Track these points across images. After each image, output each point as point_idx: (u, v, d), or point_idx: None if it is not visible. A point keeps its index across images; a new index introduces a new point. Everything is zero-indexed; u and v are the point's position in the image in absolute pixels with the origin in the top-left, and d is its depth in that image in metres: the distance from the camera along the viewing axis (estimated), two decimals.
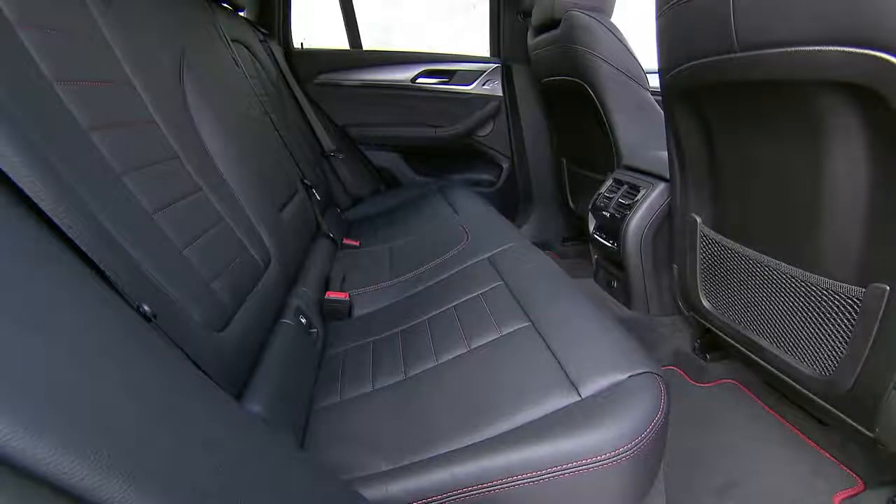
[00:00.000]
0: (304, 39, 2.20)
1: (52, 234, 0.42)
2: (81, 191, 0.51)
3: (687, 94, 0.98)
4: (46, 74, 0.58)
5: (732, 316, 1.08)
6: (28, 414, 0.25)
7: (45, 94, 0.57)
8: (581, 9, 1.55)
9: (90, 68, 0.67)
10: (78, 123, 0.60)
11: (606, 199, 1.53)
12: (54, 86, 0.58)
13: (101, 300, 0.41)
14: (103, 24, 0.74)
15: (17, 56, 0.54)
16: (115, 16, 0.77)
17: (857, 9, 0.57)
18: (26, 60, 0.55)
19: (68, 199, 0.46)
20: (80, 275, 0.42)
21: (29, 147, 0.45)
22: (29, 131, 0.47)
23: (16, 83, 0.51)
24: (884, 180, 0.68)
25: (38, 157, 0.45)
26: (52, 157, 0.48)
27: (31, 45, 0.57)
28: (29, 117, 0.50)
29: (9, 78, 0.50)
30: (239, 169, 0.97)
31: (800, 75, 0.68)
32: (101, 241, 0.49)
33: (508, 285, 0.96)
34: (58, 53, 0.60)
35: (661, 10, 0.94)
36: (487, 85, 2.18)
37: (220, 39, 1.35)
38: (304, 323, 0.98)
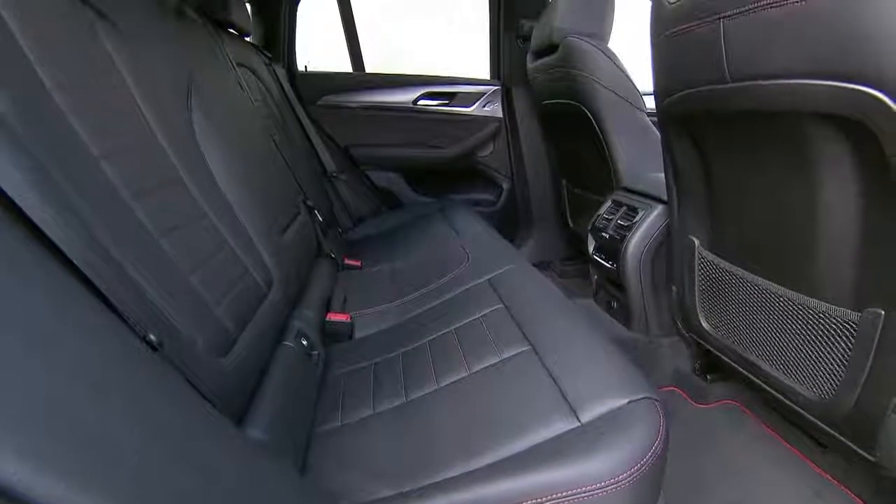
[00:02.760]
0: (307, 62, 2.25)
1: (58, 261, 0.43)
2: (89, 217, 0.52)
3: (682, 120, 1.00)
4: (60, 105, 0.59)
5: (732, 338, 1.08)
6: (28, 444, 0.26)
7: (58, 122, 0.58)
8: (579, 35, 1.59)
9: (101, 97, 0.69)
10: (88, 149, 0.62)
11: (605, 220, 1.55)
12: (67, 115, 0.60)
13: (107, 330, 0.42)
14: (113, 52, 0.76)
15: (33, 89, 0.56)
16: (126, 43, 0.80)
17: (842, 45, 0.59)
18: (41, 93, 0.57)
19: (76, 226, 0.47)
20: (87, 304, 0.43)
21: (38, 173, 0.46)
22: (40, 159, 0.49)
23: (28, 111, 0.53)
24: (875, 207, 0.69)
25: (47, 183, 0.47)
26: (62, 184, 0.50)
27: (46, 78, 0.59)
28: (41, 145, 0.52)
29: (22, 106, 0.52)
30: (243, 192, 0.98)
31: (790, 106, 0.70)
32: (109, 268, 0.50)
33: (508, 308, 0.97)
34: (71, 84, 0.62)
35: (656, 38, 0.96)
36: (488, 107, 2.22)
37: (226, 64, 1.38)
38: (305, 345, 0.98)
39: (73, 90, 0.62)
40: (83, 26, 0.71)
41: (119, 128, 0.70)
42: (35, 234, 0.42)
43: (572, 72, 1.58)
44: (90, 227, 0.51)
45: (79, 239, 0.47)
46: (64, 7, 0.68)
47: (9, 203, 0.41)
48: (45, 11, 0.63)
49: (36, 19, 0.60)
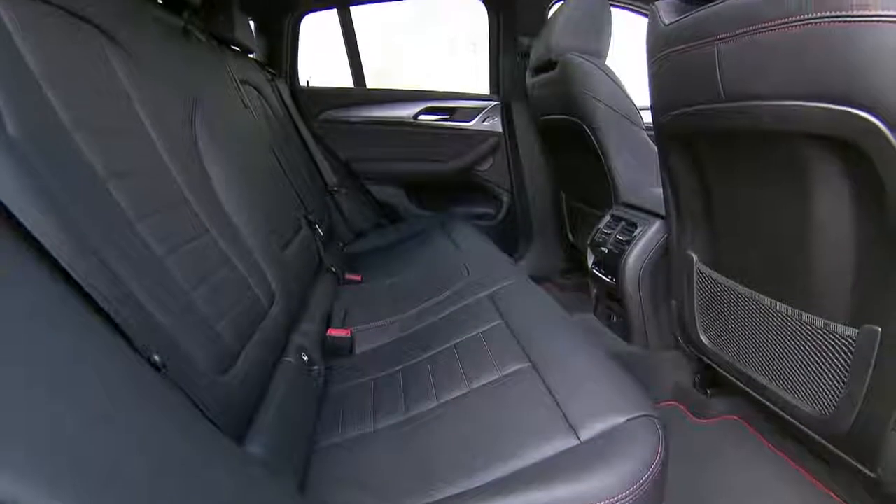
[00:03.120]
0: (309, 78, 2.28)
1: (64, 282, 0.44)
2: (95, 238, 0.53)
3: (679, 137, 1.02)
4: (69, 128, 0.61)
5: (731, 352, 1.08)
6: (30, 471, 0.26)
7: (65, 143, 0.60)
8: (576, 52, 1.61)
9: (109, 119, 0.71)
10: (94, 171, 0.63)
11: (605, 234, 1.56)
12: (76, 138, 0.61)
13: (112, 352, 0.42)
14: (123, 75, 0.78)
15: (43, 112, 0.58)
16: (134, 65, 0.81)
17: (836, 70, 0.60)
18: (52, 116, 0.59)
19: (82, 247, 0.48)
20: (93, 326, 0.44)
21: (46, 195, 0.47)
22: (47, 180, 0.50)
23: (38, 134, 0.54)
24: (869, 227, 0.70)
25: (54, 205, 0.48)
26: (68, 206, 0.51)
27: (56, 101, 0.60)
28: (49, 167, 0.53)
29: (32, 129, 0.53)
30: (246, 209, 0.99)
31: (784, 127, 0.71)
32: (114, 288, 0.50)
33: (508, 324, 0.97)
34: (81, 107, 0.64)
35: (653, 58, 0.98)
36: (487, 121, 2.24)
37: (231, 82, 1.41)
38: (305, 360, 0.99)
39: (82, 112, 0.64)
40: (93, 49, 0.73)
41: (125, 149, 0.71)
42: (41, 254, 0.43)
43: (571, 88, 1.60)
44: (96, 248, 0.52)
45: (85, 260, 0.47)
46: (75, 30, 0.70)
47: (15, 223, 0.42)
48: (56, 34, 0.65)
49: (47, 42, 0.62)
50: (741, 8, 0.71)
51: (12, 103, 0.51)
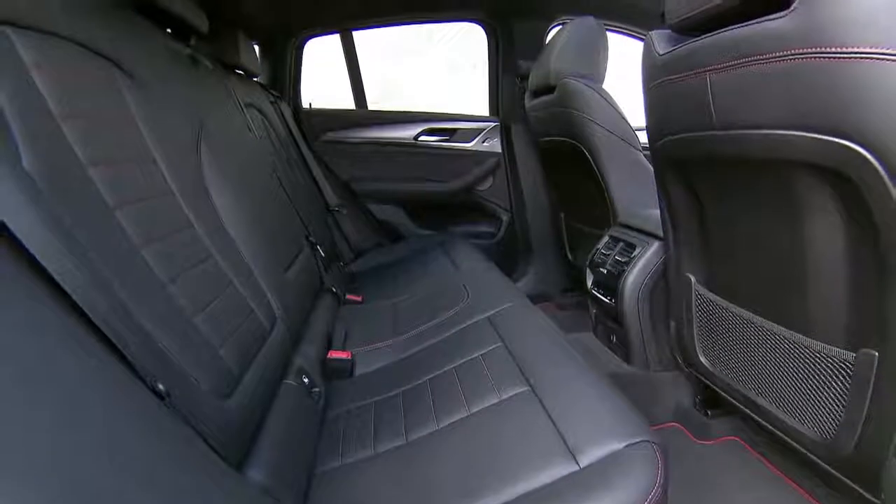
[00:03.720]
0: (311, 100, 2.32)
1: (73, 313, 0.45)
2: (104, 268, 0.54)
3: (675, 162, 1.04)
4: (81, 159, 0.62)
5: (731, 374, 1.08)
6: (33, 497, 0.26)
7: (77, 174, 0.61)
8: (575, 76, 1.65)
9: (119, 149, 0.73)
10: (103, 200, 0.64)
11: (604, 255, 1.57)
12: (87, 169, 0.63)
13: (117, 381, 0.43)
14: (132, 104, 0.80)
15: (57, 144, 0.59)
16: (142, 94, 0.83)
17: (823, 102, 0.62)
18: (64, 148, 0.60)
19: (90, 276, 0.49)
20: (97, 355, 0.45)
21: (59, 229, 0.48)
22: (58, 211, 0.51)
23: (51, 166, 0.56)
24: (861, 252, 0.71)
25: (67, 238, 0.49)
26: (80, 238, 0.52)
27: (69, 133, 0.62)
28: (60, 198, 0.54)
29: (47, 165, 0.54)
30: (249, 232, 1.01)
31: (775, 155, 0.73)
32: (119, 317, 0.51)
33: (508, 347, 0.98)
34: (92, 139, 0.65)
35: (648, 86, 1.01)
36: (487, 142, 2.28)
37: (235, 106, 1.43)
38: (306, 383, 0.99)
39: (93, 142, 0.65)
40: (105, 81, 0.75)
41: (133, 177, 0.73)
42: (51, 284, 0.44)
43: (569, 111, 1.63)
44: (103, 278, 0.53)
45: (92, 289, 0.48)
46: (88, 63, 0.72)
47: (27, 255, 0.43)
48: (71, 68, 0.67)
49: (62, 77, 0.64)
50: (731, 41, 0.74)
51: (28, 138, 0.52)
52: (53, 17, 0.66)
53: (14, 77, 0.55)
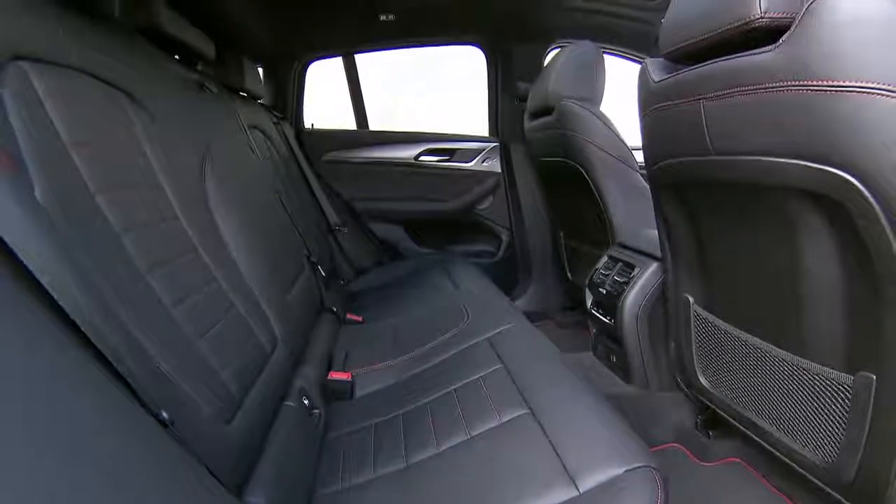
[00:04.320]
0: (313, 122, 2.35)
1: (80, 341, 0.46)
2: (109, 294, 0.56)
3: (671, 185, 1.05)
4: (89, 186, 0.64)
5: (731, 395, 1.08)
6: None
7: (87, 204, 0.63)
8: (572, 99, 1.68)
9: (126, 175, 0.74)
10: (111, 226, 0.66)
11: (603, 275, 1.58)
12: (96, 197, 0.64)
13: (120, 411, 0.44)
14: (141, 132, 0.82)
15: (67, 173, 0.61)
16: (151, 121, 0.86)
17: (812, 132, 0.64)
18: (74, 176, 0.62)
19: (99, 307, 0.50)
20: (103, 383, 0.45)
21: (69, 259, 0.50)
22: (68, 239, 0.52)
23: (63, 197, 0.57)
24: (855, 275, 0.72)
25: (76, 267, 0.50)
26: (88, 266, 0.53)
27: (79, 161, 0.63)
28: (70, 226, 0.56)
29: (57, 193, 0.56)
30: (251, 255, 1.02)
31: (769, 181, 0.75)
32: (125, 344, 0.52)
33: (507, 368, 0.98)
34: (102, 167, 0.67)
35: (644, 111, 1.03)
36: (486, 162, 2.31)
37: (239, 129, 1.46)
38: (306, 405, 0.99)
39: (101, 169, 0.67)
40: (116, 110, 0.78)
41: (140, 203, 0.74)
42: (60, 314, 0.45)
43: (567, 133, 1.66)
44: (110, 305, 0.54)
45: (100, 318, 0.49)
46: (100, 94, 0.74)
47: (36, 283, 0.44)
48: (83, 99, 0.69)
49: (75, 108, 0.66)
50: (722, 71, 0.76)
51: (41, 169, 0.54)
52: (67, 50, 0.68)
53: (29, 109, 0.57)
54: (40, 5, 0.66)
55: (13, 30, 0.59)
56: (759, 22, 0.67)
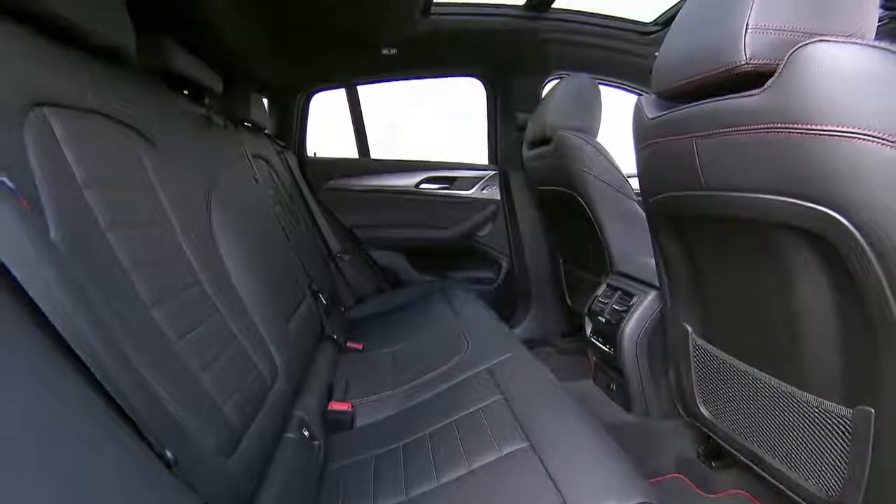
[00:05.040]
0: (316, 150, 2.40)
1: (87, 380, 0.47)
2: (118, 333, 0.57)
3: (667, 217, 1.07)
4: (101, 224, 0.66)
5: (732, 426, 1.08)
6: None
7: (98, 241, 0.65)
8: (570, 129, 1.72)
9: (136, 211, 0.76)
10: (120, 263, 0.67)
11: (602, 303, 1.59)
12: (106, 234, 0.66)
13: (125, 451, 0.45)
14: (150, 168, 0.85)
15: (81, 213, 0.63)
16: (160, 157, 0.88)
17: (800, 172, 0.66)
18: (87, 215, 0.64)
19: (107, 345, 0.51)
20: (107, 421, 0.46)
21: (80, 298, 0.51)
22: (78, 276, 0.54)
23: (76, 236, 0.59)
24: (849, 310, 0.73)
25: (83, 301, 0.51)
26: (97, 304, 0.55)
27: (92, 200, 0.66)
28: (80, 263, 0.57)
29: (72, 234, 0.58)
30: (254, 285, 1.04)
31: (760, 217, 0.76)
32: (130, 380, 0.53)
33: (507, 400, 0.99)
34: (112, 204, 0.69)
35: (639, 146, 1.06)
36: (486, 190, 2.35)
37: (244, 160, 1.49)
38: (306, 436, 0.99)
39: (112, 207, 0.69)
40: (126, 147, 0.80)
41: (148, 238, 0.76)
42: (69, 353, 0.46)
43: (565, 162, 1.69)
44: (115, 340, 0.55)
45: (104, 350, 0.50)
46: (113, 133, 0.77)
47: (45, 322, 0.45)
48: (97, 140, 0.72)
49: (90, 148, 0.68)
50: (712, 111, 0.79)
51: (56, 210, 0.56)
52: (84, 93, 0.71)
53: (47, 152, 0.60)
54: (62, 53, 0.70)
55: (36, 77, 0.62)
56: (744, 67, 0.70)
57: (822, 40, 0.61)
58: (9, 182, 0.47)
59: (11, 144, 0.55)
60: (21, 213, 0.47)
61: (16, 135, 0.56)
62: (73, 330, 0.46)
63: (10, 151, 0.54)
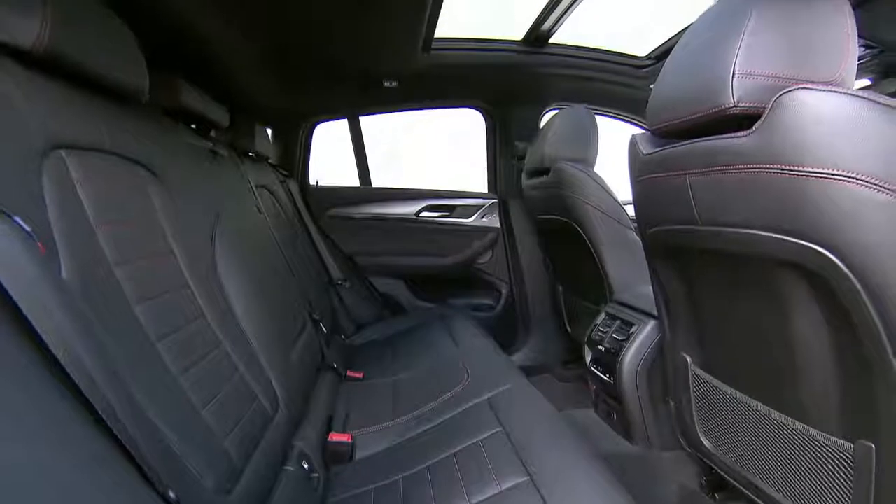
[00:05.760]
0: (318, 178, 2.44)
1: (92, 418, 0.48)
2: (123, 370, 0.58)
3: (664, 249, 1.09)
4: (109, 260, 0.68)
5: (734, 458, 1.07)
6: None
7: (106, 278, 0.66)
8: (568, 160, 1.76)
9: (142, 246, 0.78)
10: (126, 298, 0.69)
11: (601, 332, 1.60)
12: (114, 271, 0.68)
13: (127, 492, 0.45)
14: (157, 203, 0.87)
15: (91, 250, 0.65)
16: (167, 192, 0.90)
17: (789, 210, 0.68)
18: (97, 252, 0.66)
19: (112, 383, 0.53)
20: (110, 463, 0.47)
21: (84, 329, 0.52)
22: (86, 313, 0.55)
23: (85, 274, 0.61)
24: (844, 342, 0.73)
25: (89, 337, 0.53)
26: (101, 336, 0.56)
27: (101, 237, 0.68)
28: (89, 299, 0.59)
29: (83, 272, 0.60)
30: (256, 316, 1.05)
31: (752, 251, 0.78)
32: (134, 420, 0.54)
33: (507, 432, 0.99)
34: (120, 240, 0.71)
35: (635, 180, 1.08)
36: (486, 218, 2.38)
37: (248, 190, 1.52)
38: (305, 469, 0.99)
39: (121, 244, 0.71)
40: (136, 183, 0.83)
41: (154, 273, 0.78)
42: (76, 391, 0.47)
43: (563, 193, 1.72)
44: (123, 379, 0.56)
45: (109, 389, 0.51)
46: (124, 171, 0.80)
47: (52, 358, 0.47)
48: (109, 178, 0.74)
49: (102, 188, 0.71)
50: (704, 150, 0.81)
51: (69, 250, 0.58)
52: (99, 134, 0.74)
53: (63, 193, 0.62)
54: (80, 97, 0.73)
55: (56, 121, 0.65)
56: (733, 110, 0.73)
57: (803, 88, 0.64)
58: (26, 225, 0.49)
59: (30, 188, 0.57)
60: (36, 256, 0.49)
61: (35, 178, 0.58)
62: (81, 372, 0.47)
63: (28, 194, 0.56)
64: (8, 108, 0.59)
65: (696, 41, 0.84)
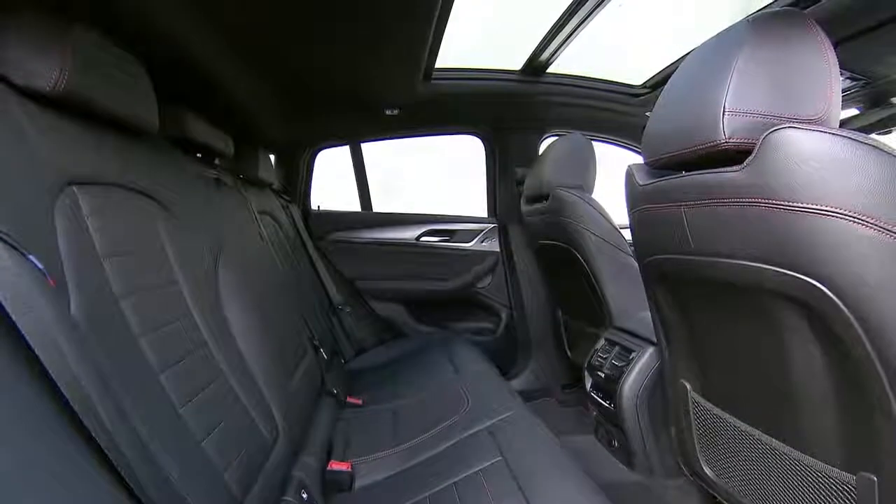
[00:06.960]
0: (320, 203, 2.47)
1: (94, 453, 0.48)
2: (126, 403, 0.58)
3: (663, 277, 1.10)
4: (115, 292, 0.69)
5: (736, 487, 1.06)
6: None
7: (111, 310, 0.68)
8: (566, 187, 1.78)
9: (148, 277, 0.80)
10: (131, 330, 0.70)
11: (601, 358, 1.60)
12: (119, 302, 0.69)
13: None
14: (163, 233, 0.89)
15: (98, 284, 0.66)
16: (172, 222, 0.92)
17: (780, 243, 0.70)
18: (104, 285, 0.67)
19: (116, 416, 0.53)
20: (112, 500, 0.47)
21: (90, 364, 0.53)
22: (93, 347, 0.56)
23: (92, 308, 0.62)
24: (843, 374, 0.74)
25: (95, 372, 0.53)
26: (105, 369, 0.57)
27: (108, 270, 0.69)
28: (95, 331, 0.60)
29: (90, 306, 0.61)
30: (257, 345, 1.05)
31: (748, 282, 0.80)
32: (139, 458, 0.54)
33: (507, 462, 0.98)
34: (126, 272, 0.72)
35: (632, 210, 1.10)
36: (486, 242, 2.40)
37: (251, 217, 1.55)
38: (304, 499, 0.98)
39: (127, 275, 0.72)
40: (143, 215, 0.85)
41: (159, 304, 0.79)
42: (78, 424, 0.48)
43: (562, 219, 1.74)
44: (127, 413, 0.57)
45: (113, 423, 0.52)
46: (132, 203, 0.82)
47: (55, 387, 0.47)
48: (118, 211, 0.76)
49: (111, 220, 0.73)
50: (698, 183, 0.84)
51: (77, 283, 0.59)
52: (109, 168, 0.76)
53: (74, 228, 0.64)
54: (93, 133, 0.75)
55: (69, 158, 0.67)
56: (725, 145, 0.75)
57: (790, 127, 0.67)
58: (38, 263, 0.51)
59: (43, 224, 0.59)
60: (47, 293, 0.50)
61: (48, 214, 0.60)
62: (86, 407, 0.48)
63: (41, 231, 0.58)
64: (23, 144, 0.61)
65: (690, 77, 0.87)
